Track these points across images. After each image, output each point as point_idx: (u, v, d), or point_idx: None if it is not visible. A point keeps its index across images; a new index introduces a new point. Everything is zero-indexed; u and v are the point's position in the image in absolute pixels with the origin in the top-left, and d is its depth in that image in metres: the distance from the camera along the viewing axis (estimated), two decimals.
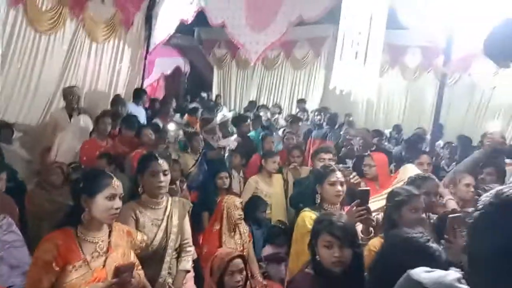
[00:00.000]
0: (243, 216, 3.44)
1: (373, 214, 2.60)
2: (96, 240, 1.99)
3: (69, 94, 5.35)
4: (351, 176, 3.12)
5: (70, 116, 5.31)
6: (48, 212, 3.33)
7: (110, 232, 2.08)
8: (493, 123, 3.38)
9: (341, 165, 3.37)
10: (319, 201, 2.69)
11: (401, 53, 9.34)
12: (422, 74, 9.40)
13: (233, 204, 3.40)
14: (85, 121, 5.25)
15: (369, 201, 2.58)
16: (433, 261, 1.55)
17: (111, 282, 1.87)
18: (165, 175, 2.51)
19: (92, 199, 1.95)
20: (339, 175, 2.70)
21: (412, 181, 2.83)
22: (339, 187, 2.66)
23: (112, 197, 1.97)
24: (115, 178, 2.03)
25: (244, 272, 2.47)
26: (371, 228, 2.58)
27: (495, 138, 3.51)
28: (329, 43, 9.89)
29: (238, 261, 2.45)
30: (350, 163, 4.36)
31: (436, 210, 2.89)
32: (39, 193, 3.55)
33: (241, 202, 3.51)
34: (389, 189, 3.47)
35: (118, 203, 2.01)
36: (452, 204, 3.05)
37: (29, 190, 3.84)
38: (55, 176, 3.63)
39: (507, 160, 4.08)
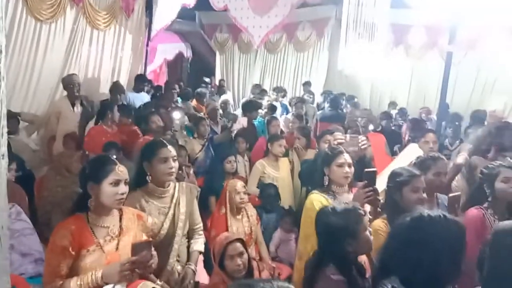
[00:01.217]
0: (245, 200, 3.45)
1: None
2: (108, 225, 2.04)
3: (69, 83, 5.34)
4: (359, 141, 3.11)
5: (73, 105, 5.32)
6: (59, 198, 3.36)
7: (121, 216, 2.12)
8: (496, 100, 3.32)
9: (348, 132, 3.36)
10: (327, 183, 2.68)
11: (405, 32, 9.22)
12: (426, 53, 9.29)
13: (234, 188, 3.41)
14: None
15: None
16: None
17: (130, 260, 1.89)
18: (174, 161, 2.50)
19: (98, 185, 1.98)
20: (346, 156, 2.68)
21: (422, 161, 2.81)
22: (347, 169, 2.63)
23: (116, 183, 2.00)
24: (118, 164, 2.05)
25: (245, 255, 2.50)
26: (378, 209, 2.59)
27: (497, 115, 3.48)
28: (332, 24, 9.81)
29: (237, 245, 2.49)
30: None
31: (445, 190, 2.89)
32: (53, 178, 3.57)
33: (244, 186, 3.50)
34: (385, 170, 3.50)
35: (123, 188, 2.03)
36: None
37: (42, 175, 3.87)
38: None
39: None
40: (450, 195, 2.57)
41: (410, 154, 3.53)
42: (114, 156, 2.48)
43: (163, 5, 7.12)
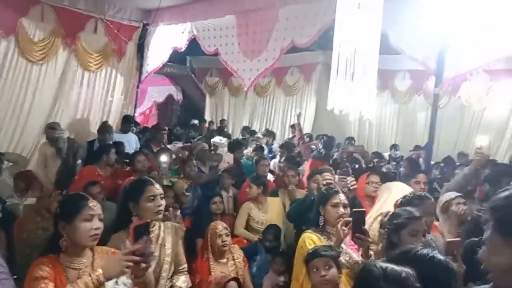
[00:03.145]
0: (228, 243, 3.35)
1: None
2: (79, 266, 1.91)
3: (51, 136, 5.26)
4: (348, 182, 3.08)
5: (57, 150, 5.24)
6: (39, 241, 3.23)
7: (93, 257, 1.99)
8: (481, 138, 3.36)
9: (337, 174, 3.35)
10: (322, 223, 2.62)
11: (391, 77, 9.49)
12: (412, 97, 9.55)
13: (214, 231, 3.33)
14: None
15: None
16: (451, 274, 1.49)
17: (131, 250, 1.74)
18: (161, 198, 2.44)
19: (70, 224, 1.88)
20: (342, 197, 2.63)
21: (409, 200, 2.78)
22: (342, 209, 2.58)
23: (90, 218, 1.91)
24: (90, 199, 1.97)
25: None
26: (371, 252, 2.51)
27: (484, 152, 3.46)
28: (319, 69, 10.10)
29: (233, 283, 2.51)
30: None
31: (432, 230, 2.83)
32: (33, 220, 3.46)
33: (226, 228, 3.42)
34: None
35: (97, 223, 1.93)
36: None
37: (22, 217, 3.76)
38: (57, 204, 3.52)
39: None
40: (448, 240, 2.47)
41: (393, 192, 3.47)
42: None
43: (154, 49, 7.23)
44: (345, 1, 2.68)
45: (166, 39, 7.04)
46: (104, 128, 5.99)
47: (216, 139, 7.00)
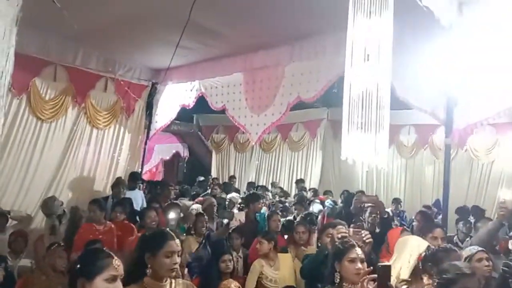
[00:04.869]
0: None
1: None
2: None
3: (45, 212, 5.05)
4: (363, 235, 2.95)
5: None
6: None
7: None
8: (504, 191, 3.25)
9: (351, 227, 3.23)
10: (338, 280, 2.46)
11: (396, 132, 9.55)
12: (418, 151, 9.55)
13: None
14: None
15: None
16: None
17: None
18: (178, 256, 2.34)
19: (90, 282, 1.77)
20: (359, 251, 2.49)
21: (434, 253, 2.65)
22: (359, 265, 2.43)
23: (112, 280, 1.80)
24: (115, 258, 1.87)
25: None
26: None
27: (508, 207, 3.36)
28: (324, 124, 10.24)
29: None
30: None
31: None
32: (38, 278, 3.33)
33: (239, 287, 3.25)
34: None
35: (119, 285, 1.83)
36: None
37: (26, 276, 3.64)
38: (61, 260, 3.45)
39: None
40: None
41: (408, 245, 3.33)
42: None
43: (163, 106, 7.35)
44: (353, 52, 2.71)
45: (174, 97, 7.19)
46: (118, 182, 6.02)
47: (233, 195, 6.90)
